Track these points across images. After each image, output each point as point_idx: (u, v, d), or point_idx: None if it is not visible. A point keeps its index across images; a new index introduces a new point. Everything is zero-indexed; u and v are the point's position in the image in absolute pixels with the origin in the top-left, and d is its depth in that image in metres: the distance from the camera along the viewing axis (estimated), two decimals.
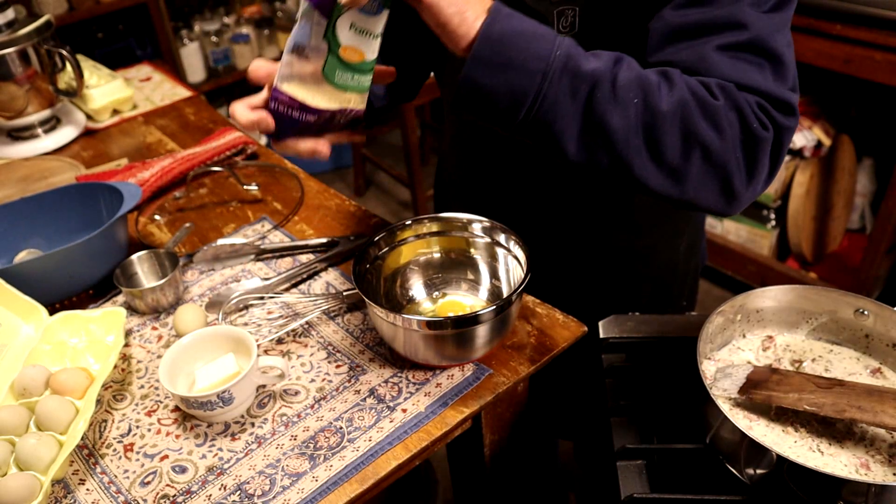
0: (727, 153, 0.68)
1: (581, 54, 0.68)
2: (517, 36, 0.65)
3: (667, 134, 0.67)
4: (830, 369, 0.84)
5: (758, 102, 0.69)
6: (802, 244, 2.23)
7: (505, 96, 0.67)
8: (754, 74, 0.69)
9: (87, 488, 0.82)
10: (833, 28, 1.77)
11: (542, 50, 0.65)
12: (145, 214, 1.29)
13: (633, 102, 0.67)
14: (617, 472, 0.79)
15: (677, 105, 0.67)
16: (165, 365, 0.87)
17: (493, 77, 0.66)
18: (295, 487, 0.80)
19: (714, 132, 0.67)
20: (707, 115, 0.67)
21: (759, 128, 0.68)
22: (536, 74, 0.65)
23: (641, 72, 0.69)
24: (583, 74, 0.66)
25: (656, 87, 0.67)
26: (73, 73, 1.47)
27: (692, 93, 0.68)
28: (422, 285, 1.02)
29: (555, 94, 0.66)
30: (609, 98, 0.66)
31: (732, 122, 0.68)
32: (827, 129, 2.14)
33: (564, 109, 0.67)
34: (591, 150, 0.69)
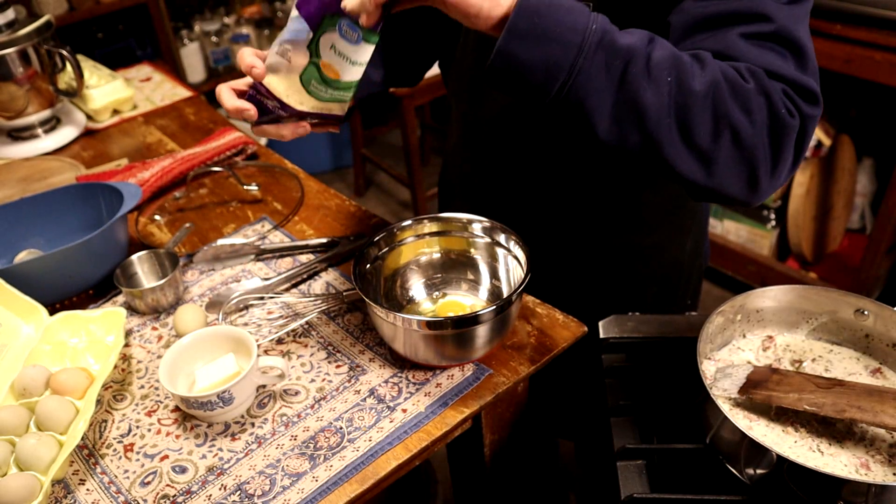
0: (756, 138, 0.67)
1: (616, 30, 0.67)
2: (554, 8, 0.64)
3: (698, 115, 0.66)
4: (830, 369, 0.84)
5: (783, 89, 0.68)
6: (802, 244, 2.23)
7: (540, 69, 0.65)
8: (780, 62, 0.69)
9: (88, 488, 0.82)
10: (833, 28, 1.77)
11: (579, 23, 0.64)
12: (145, 214, 1.29)
13: (667, 81, 0.66)
14: (617, 472, 0.79)
15: (710, 86, 0.66)
16: (165, 365, 0.87)
17: (529, 49, 0.64)
18: (295, 487, 0.80)
19: (744, 116, 0.67)
20: (738, 98, 0.66)
21: (786, 114, 0.67)
22: (573, 47, 0.64)
23: (675, 51, 0.68)
24: (618, 49, 0.65)
25: (689, 66, 0.67)
26: (74, 73, 1.47)
27: (724, 75, 0.67)
28: (422, 285, 1.02)
29: (589, 68, 0.65)
30: (643, 75, 0.65)
31: (761, 107, 0.67)
32: (827, 129, 2.14)
33: (599, 84, 0.66)
34: (622, 127, 0.68)
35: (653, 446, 0.81)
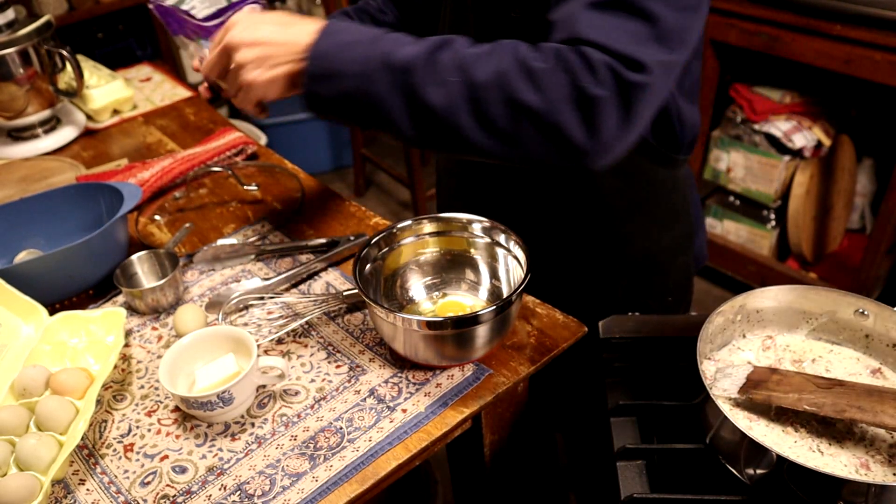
0: (556, 114, 0.70)
1: (400, 46, 0.74)
2: (341, 46, 0.75)
3: (489, 103, 0.71)
4: (830, 369, 0.84)
5: (605, 62, 0.70)
6: (802, 244, 2.23)
7: (341, 102, 0.76)
8: (612, 33, 0.71)
9: (87, 488, 0.82)
10: (833, 28, 1.77)
11: (360, 55, 0.74)
12: (145, 215, 1.29)
13: (452, 80, 0.72)
14: (617, 472, 0.79)
15: (494, 75, 0.71)
16: (165, 365, 0.87)
17: (327, 88, 0.75)
18: (295, 487, 0.80)
19: (537, 95, 0.70)
20: (531, 80, 0.70)
21: (591, 86, 0.69)
22: (358, 76, 0.74)
23: (465, 50, 0.73)
24: (398, 66, 0.73)
25: (474, 61, 0.72)
26: (74, 73, 1.47)
27: (516, 60, 0.71)
28: (422, 285, 1.02)
29: (378, 90, 0.73)
30: (427, 80, 0.72)
31: (561, 84, 0.70)
32: (827, 130, 2.14)
33: (391, 100, 0.73)
34: (423, 130, 0.75)
35: (653, 446, 0.81)
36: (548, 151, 0.73)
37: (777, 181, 2.18)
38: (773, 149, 2.15)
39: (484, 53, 0.72)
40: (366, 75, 0.73)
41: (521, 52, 0.72)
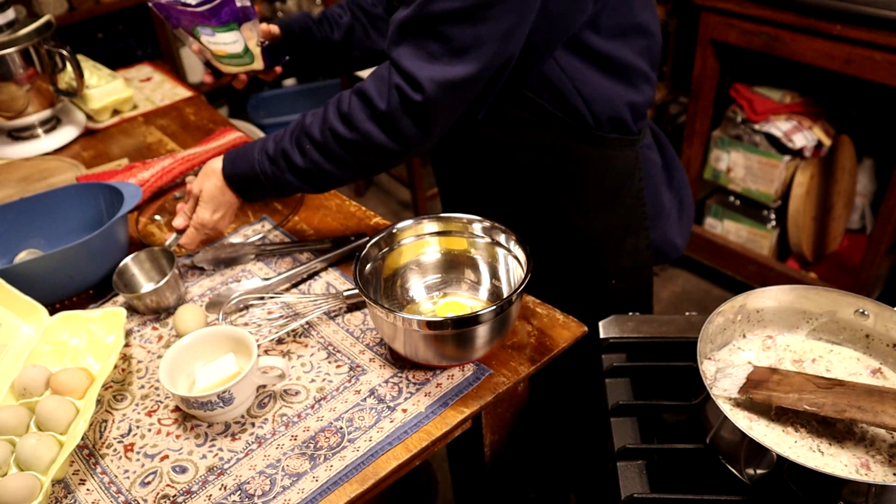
0: (370, 138, 0.91)
1: (270, 142, 0.98)
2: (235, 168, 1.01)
3: (333, 151, 0.93)
4: (831, 369, 0.84)
5: (395, 83, 0.87)
6: (803, 244, 2.23)
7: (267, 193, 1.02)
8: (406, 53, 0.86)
9: (88, 488, 0.82)
10: (833, 28, 1.77)
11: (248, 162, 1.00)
12: (145, 214, 1.29)
13: (306, 147, 0.95)
14: (617, 472, 0.79)
15: (323, 131, 0.93)
16: (166, 365, 0.87)
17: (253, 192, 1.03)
18: (295, 487, 0.80)
19: (351, 132, 0.91)
20: (344, 122, 0.92)
21: (381, 106, 0.88)
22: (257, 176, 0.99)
23: (306, 121, 0.95)
24: (273, 155, 0.97)
25: (311, 125, 0.94)
26: (74, 73, 1.47)
27: (335, 111, 0.93)
28: (422, 285, 1.02)
29: (272, 176, 0.98)
30: (294, 154, 0.96)
31: (362, 116, 0.90)
32: (827, 130, 2.14)
33: (283, 178, 0.98)
34: (315, 184, 0.99)
35: (653, 446, 0.81)
36: (383, 161, 0.94)
37: (777, 181, 2.18)
38: (774, 149, 2.15)
39: (316, 117, 0.95)
40: (261, 171, 0.98)
41: (339, 103, 0.92)
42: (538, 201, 1.10)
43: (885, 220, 1.91)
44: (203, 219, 1.05)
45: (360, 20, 1.22)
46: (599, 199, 1.09)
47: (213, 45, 1.13)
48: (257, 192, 1.02)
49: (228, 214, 1.07)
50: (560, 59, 0.96)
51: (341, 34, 1.21)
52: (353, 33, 1.22)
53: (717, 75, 2.15)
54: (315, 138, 0.94)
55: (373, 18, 1.22)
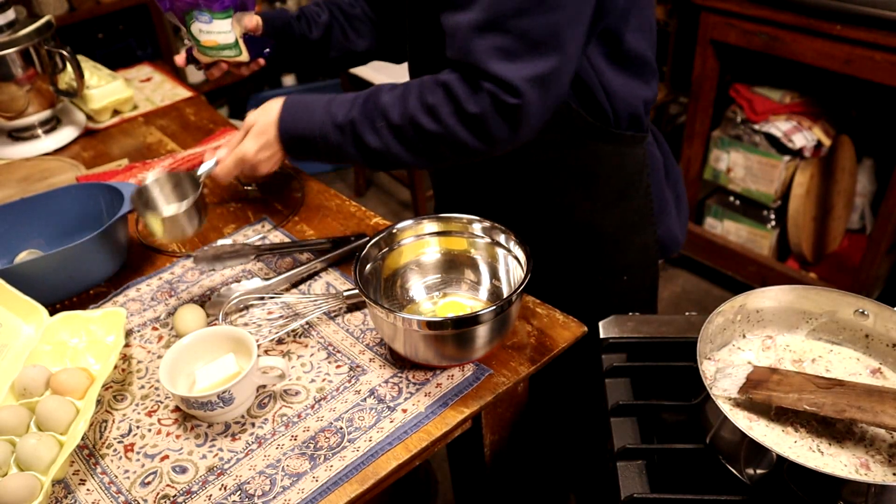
0: (452, 135, 0.90)
1: (341, 107, 0.94)
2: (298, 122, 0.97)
3: (407, 137, 0.92)
4: (830, 369, 0.84)
5: (486, 87, 0.86)
6: (802, 244, 2.23)
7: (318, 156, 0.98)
8: (489, 55, 0.85)
9: (88, 488, 0.82)
10: (833, 28, 1.77)
11: (315, 122, 0.95)
12: None
13: (379, 126, 0.92)
14: (617, 472, 0.79)
15: (405, 117, 0.91)
16: (166, 365, 0.87)
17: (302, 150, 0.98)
18: (295, 487, 0.80)
19: (437, 125, 0.90)
20: (430, 114, 0.89)
21: (472, 108, 0.87)
22: (319, 138, 0.95)
23: (384, 99, 0.92)
24: (343, 124, 0.94)
25: (391, 107, 0.91)
26: (74, 73, 1.47)
27: (418, 100, 0.90)
28: (422, 286, 1.02)
29: (334, 143, 0.95)
30: (364, 129, 0.93)
31: (450, 112, 0.89)
32: (827, 130, 2.14)
33: (345, 149, 0.95)
34: (376, 162, 0.96)
35: (653, 446, 0.81)
36: (461, 157, 0.93)
37: (777, 181, 2.18)
38: (773, 149, 2.15)
39: (397, 99, 0.92)
40: (324, 136, 0.95)
41: (423, 92, 0.90)
42: (550, 200, 1.10)
43: (885, 220, 1.91)
44: (246, 152, 0.98)
45: (339, 20, 1.21)
46: (612, 196, 1.10)
47: (205, 34, 1.09)
48: (309, 153, 0.98)
49: (273, 160, 1.00)
50: (590, 55, 0.96)
51: (319, 33, 1.19)
52: (332, 33, 1.20)
53: (716, 75, 2.15)
54: (392, 121, 0.91)
55: (350, 19, 1.21)
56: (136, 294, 1.10)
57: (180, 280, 1.12)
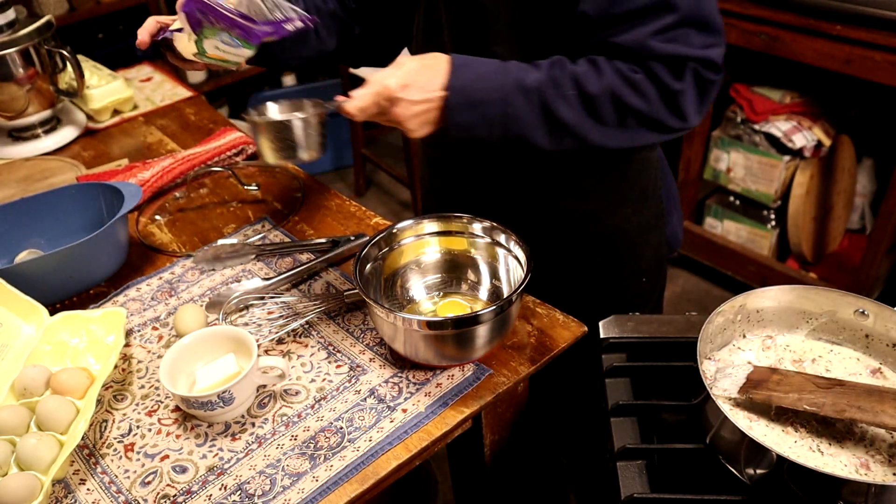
0: (654, 111, 0.88)
1: (524, 71, 0.86)
2: (475, 78, 0.85)
3: (603, 109, 0.87)
4: (831, 369, 0.84)
5: (689, 66, 0.86)
6: (802, 244, 2.23)
7: (483, 125, 0.87)
8: (688, 48, 0.86)
9: (88, 488, 0.82)
10: (833, 28, 1.77)
11: (496, 82, 0.86)
12: (146, 215, 1.29)
13: (572, 94, 0.86)
14: (617, 472, 0.79)
15: (605, 87, 0.86)
16: (166, 365, 0.87)
17: (469, 115, 0.86)
18: (295, 487, 0.80)
19: (639, 99, 0.87)
20: (632, 87, 0.87)
21: (673, 82, 0.86)
22: (498, 102, 0.86)
23: (573, 67, 0.87)
24: (530, 88, 0.86)
25: (586, 76, 0.86)
26: (74, 73, 1.47)
27: (618, 73, 0.86)
28: (422, 285, 1.02)
29: (516, 111, 0.86)
30: (554, 97, 0.86)
31: (652, 88, 0.87)
32: (827, 130, 2.14)
33: (528, 119, 0.87)
34: (556, 138, 0.89)
35: (653, 446, 0.81)
36: (647, 136, 0.91)
37: (777, 181, 2.18)
38: (773, 149, 2.15)
39: (591, 71, 0.87)
40: (505, 100, 0.85)
41: (619, 67, 0.87)
42: (579, 206, 1.09)
43: (885, 220, 1.91)
44: (389, 85, 0.83)
45: None
46: (635, 198, 1.11)
47: (219, 51, 0.99)
48: (472, 120, 0.86)
49: (420, 116, 0.85)
50: None
51: None
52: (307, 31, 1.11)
53: None
54: (588, 90, 0.86)
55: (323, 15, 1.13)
56: (136, 294, 1.10)
57: (180, 280, 1.12)
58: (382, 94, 0.84)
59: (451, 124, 0.86)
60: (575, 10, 0.87)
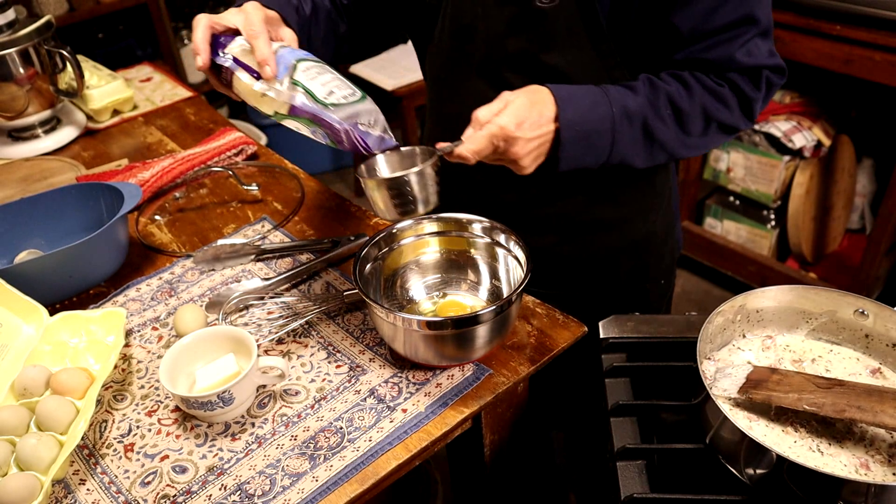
0: (735, 120, 0.95)
1: (625, 97, 0.89)
2: (584, 112, 0.86)
3: (693, 123, 0.92)
4: (830, 369, 0.84)
5: (765, 75, 0.92)
6: (802, 244, 2.23)
7: (592, 156, 0.90)
8: (762, 58, 0.91)
9: (88, 488, 0.82)
10: (833, 28, 1.77)
11: (604, 113, 0.87)
12: (145, 215, 1.29)
13: (668, 114, 0.90)
14: (617, 472, 0.79)
15: (697, 104, 0.91)
16: (166, 365, 0.87)
17: (580, 148, 0.88)
18: (295, 487, 0.80)
19: (726, 110, 0.93)
20: (719, 100, 0.92)
21: (752, 91, 0.93)
22: (607, 133, 0.88)
23: (664, 86, 0.90)
24: (634, 113, 0.89)
25: (678, 94, 0.90)
26: (74, 73, 1.47)
27: (705, 88, 0.91)
28: (422, 285, 1.02)
29: (622, 138, 0.89)
30: (654, 119, 0.90)
31: (734, 98, 0.93)
32: (827, 130, 2.14)
33: (631, 144, 0.90)
34: (651, 157, 0.94)
35: (653, 446, 0.81)
36: (720, 140, 0.97)
37: (777, 181, 2.18)
38: (773, 149, 2.15)
39: (682, 89, 0.91)
40: (613, 129, 0.88)
41: (706, 83, 0.92)
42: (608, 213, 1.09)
43: (885, 220, 1.91)
44: (505, 124, 0.81)
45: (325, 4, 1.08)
46: (659, 203, 1.14)
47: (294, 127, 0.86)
48: (581, 146, 0.87)
49: (536, 150, 0.85)
50: None
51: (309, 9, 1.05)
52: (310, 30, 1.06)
53: None
54: (682, 108, 0.90)
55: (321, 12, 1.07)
56: (136, 294, 1.10)
57: (180, 280, 1.12)
58: (499, 134, 0.82)
59: (563, 157, 0.87)
60: (665, 20, 0.89)
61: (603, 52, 0.92)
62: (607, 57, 0.93)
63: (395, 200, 0.83)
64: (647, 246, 1.16)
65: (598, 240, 1.12)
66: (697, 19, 0.87)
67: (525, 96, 0.84)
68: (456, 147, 0.83)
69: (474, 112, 0.84)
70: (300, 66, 0.85)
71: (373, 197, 0.85)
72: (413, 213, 0.86)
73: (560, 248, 1.11)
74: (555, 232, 1.10)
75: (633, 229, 1.13)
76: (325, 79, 0.86)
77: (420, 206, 0.84)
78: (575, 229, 1.10)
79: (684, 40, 0.90)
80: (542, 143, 0.85)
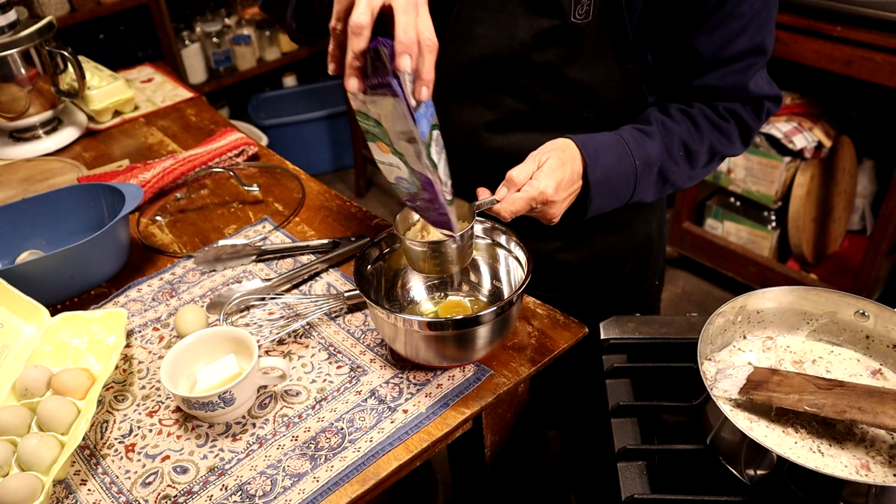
0: (735, 150, 1.00)
1: (644, 146, 0.93)
2: (610, 167, 0.91)
3: (700, 159, 0.98)
4: (831, 370, 0.84)
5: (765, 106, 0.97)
6: (803, 245, 2.23)
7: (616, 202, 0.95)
8: (765, 88, 0.96)
9: (89, 489, 0.83)
10: (834, 30, 1.78)
11: (627, 165, 0.92)
12: (146, 215, 1.29)
13: (679, 156, 0.96)
14: (617, 473, 0.79)
15: (704, 145, 0.96)
16: (167, 365, 0.87)
17: (607, 201, 0.94)
18: (296, 488, 0.80)
19: (728, 145, 0.98)
20: (724, 136, 0.97)
21: (753, 122, 0.98)
22: (630, 183, 0.93)
23: (676, 129, 0.95)
24: (653, 160, 0.93)
25: (689, 137, 0.95)
26: (75, 74, 1.47)
27: (711, 124, 0.96)
28: (423, 286, 1.02)
29: (643, 184, 0.95)
30: (668, 162, 0.95)
31: (735, 131, 0.98)
32: (827, 131, 2.14)
33: (649, 188, 0.96)
34: (661, 192, 1.00)
35: (653, 447, 0.81)
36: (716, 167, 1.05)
37: (778, 182, 2.18)
38: (774, 150, 2.15)
39: (692, 129, 0.96)
40: (636, 180, 0.93)
41: (712, 119, 0.96)
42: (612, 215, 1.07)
43: (886, 221, 1.91)
44: (545, 190, 0.84)
45: None
46: (657, 204, 1.16)
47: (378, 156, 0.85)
48: (608, 195, 0.92)
49: (566, 203, 0.89)
50: None
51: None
52: None
53: None
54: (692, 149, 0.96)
55: None
56: (137, 294, 1.10)
57: (181, 280, 1.12)
58: (538, 198, 0.85)
59: (590, 209, 0.93)
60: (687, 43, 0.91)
61: (627, 69, 0.94)
62: (631, 75, 0.94)
63: (434, 261, 0.86)
64: (647, 246, 1.17)
65: (602, 243, 1.12)
66: (718, 45, 0.90)
67: (555, 155, 0.87)
68: (496, 207, 0.86)
69: (509, 172, 0.86)
70: (434, 135, 0.76)
71: (410, 257, 0.89)
72: (446, 273, 0.90)
73: (564, 252, 1.12)
74: (559, 237, 1.10)
75: (634, 230, 1.13)
76: (444, 157, 0.80)
77: (454, 267, 0.88)
78: (579, 233, 1.10)
79: (703, 66, 0.92)
80: (572, 198, 0.90)
